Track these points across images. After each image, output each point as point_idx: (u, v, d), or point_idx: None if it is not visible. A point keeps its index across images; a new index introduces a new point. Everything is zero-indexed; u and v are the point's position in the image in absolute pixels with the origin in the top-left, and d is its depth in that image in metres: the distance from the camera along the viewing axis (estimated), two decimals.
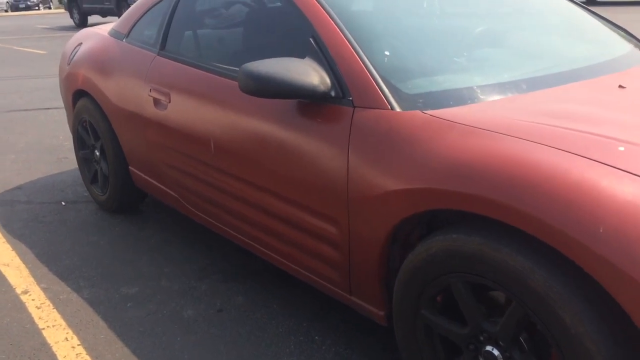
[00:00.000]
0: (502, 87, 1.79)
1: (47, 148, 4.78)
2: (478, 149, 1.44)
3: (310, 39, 1.92)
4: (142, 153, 2.84)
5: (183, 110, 2.42)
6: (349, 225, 1.74)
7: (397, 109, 1.67)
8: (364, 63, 1.78)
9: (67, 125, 5.28)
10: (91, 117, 3.21)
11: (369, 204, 1.65)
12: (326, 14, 1.95)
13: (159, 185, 2.83)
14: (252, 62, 1.83)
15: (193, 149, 2.39)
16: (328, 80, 1.80)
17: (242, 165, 2.11)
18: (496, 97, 1.74)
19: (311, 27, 1.95)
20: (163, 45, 2.69)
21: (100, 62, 3.07)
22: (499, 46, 2.13)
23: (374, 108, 1.70)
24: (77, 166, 4.06)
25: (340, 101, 1.79)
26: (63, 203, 3.60)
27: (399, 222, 1.58)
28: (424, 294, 1.58)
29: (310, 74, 1.79)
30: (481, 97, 1.73)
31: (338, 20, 1.92)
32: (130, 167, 3.06)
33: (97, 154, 3.34)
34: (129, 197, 3.30)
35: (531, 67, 1.96)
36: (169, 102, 2.49)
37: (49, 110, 6.30)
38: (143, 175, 2.95)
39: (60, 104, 6.55)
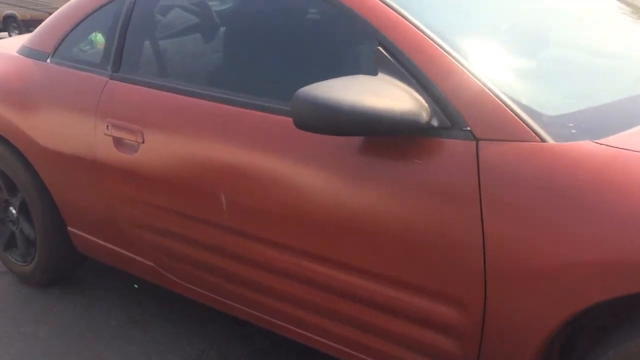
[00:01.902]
0: None
1: None
2: None
3: (380, 49, 1.39)
4: (92, 210, 2.12)
5: (167, 154, 1.76)
6: (484, 311, 1.24)
7: (549, 139, 1.19)
8: (477, 79, 1.29)
9: None
10: (4, 165, 2.40)
11: (524, 282, 1.16)
12: (398, 15, 1.43)
13: (119, 250, 2.13)
14: (311, 87, 1.27)
15: (186, 204, 1.75)
16: (427, 106, 1.29)
17: (285, 230, 1.52)
18: None
19: (377, 33, 1.41)
20: (117, 66, 2.00)
21: (15, 93, 2.28)
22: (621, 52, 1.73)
23: (511, 141, 1.21)
24: None
25: (449, 133, 1.27)
26: None
27: (576, 312, 1.11)
28: None
29: (406, 99, 1.27)
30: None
31: (418, 24, 1.40)
32: (69, 228, 2.31)
33: (14, 212, 2.53)
34: (65, 265, 2.53)
35: None
36: (142, 142, 1.82)
37: None
38: (91, 238, 2.22)
39: None
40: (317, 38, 1.66)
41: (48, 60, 2.24)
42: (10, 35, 12.66)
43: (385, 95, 1.25)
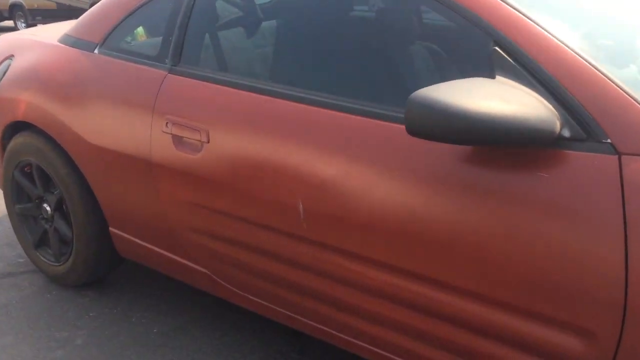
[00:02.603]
0: None
1: None
2: None
3: (497, 49, 1.26)
4: (142, 212, 1.98)
5: (235, 155, 1.63)
6: (618, 343, 1.11)
7: None
8: (616, 84, 1.16)
9: None
10: (41, 159, 2.26)
11: None
12: (514, 9, 1.30)
13: (169, 255, 1.99)
14: (429, 90, 1.14)
15: (256, 212, 1.62)
16: (557, 114, 1.16)
17: (379, 245, 1.39)
18: None
19: (491, 30, 1.29)
20: (177, 59, 1.86)
21: (59, 84, 2.14)
22: None
23: None
24: None
25: (584, 145, 1.15)
26: None
27: None
28: None
29: (536, 106, 1.14)
30: None
31: (539, 20, 1.27)
32: (111, 229, 2.18)
33: (48, 209, 2.39)
34: (102, 267, 2.39)
35: None
36: (206, 141, 1.69)
37: None
38: (137, 241, 2.09)
39: None
40: (417, 36, 1.53)
41: (96, 51, 2.11)
42: (15, 24, 12.44)
43: (514, 101, 1.12)
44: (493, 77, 1.24)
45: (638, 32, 1.63)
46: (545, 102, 1.17)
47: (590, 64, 1.19)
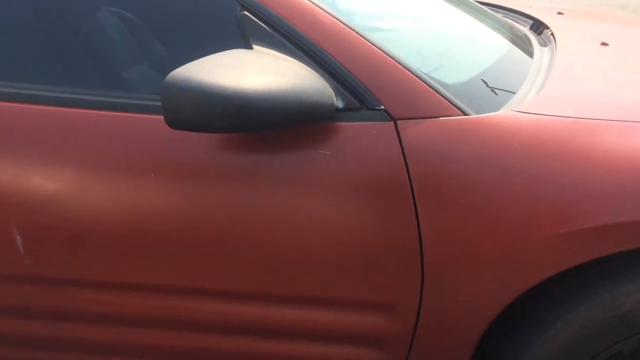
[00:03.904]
0: None
1: None
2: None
3: (247, 15, 1.08)
4: None
5: None
6: (418, 312, 1.08)
7: (471, 113, 1.07)
8: (381, 49, 1.08)
9: None
10: None
11: (468, 269, 1.04)
12: None
13: None
14: (182, 70, 0.92)
15: None
16: (328, 86, 1.04)
17: (152, 266, 1.10)
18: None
19: None
20: None
21: None
22: None
23: (433, 117, 1.05)
24: None
25: (359, 115, 1.05)
26: None
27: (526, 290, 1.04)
28: None
29: (310, 77, 1.01)
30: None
31: None
32: None
33: None
34: None
35: None
36: None
37: None
38: None
39: None
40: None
41: None
42: None
43: (290, 74, 0.97)
44: (250, 48, 1.06)
45: None
46: (313, 72, 1.04)
47: (353, 29, 1.09)
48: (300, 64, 1.04)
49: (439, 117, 1.04)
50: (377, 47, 1.07)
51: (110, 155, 1.07)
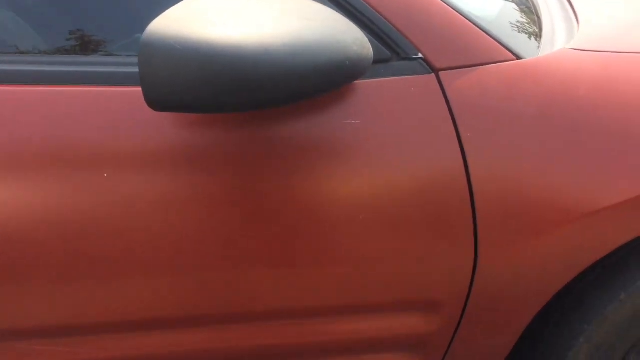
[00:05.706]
0: None
1: None
2: None
3: None
4: None
5: None
6: (464, 308, 0.89)
7: (526, 56, 0.85)
8: None
9: None
10: None
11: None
12: None
13: None
14: (171, 21, 0.64)
15: None
16: (363, 36, 0.78)
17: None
18: None
19: None
20: None
21: None
22: None
23: (483, 64, 0.82)
24: None
25: (391, 68, 0.81)
26: None
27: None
28: None
29: (343, 23, 0.74)
30: None
31: None
32: None
33: None
34: None
35: None
36: None
37: None
38: None
39: None
40: None
41: None
42: None
43: (318, 18, 0.70)
44: None
45: None
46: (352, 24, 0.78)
47: None
48: (320, 4, 0.77)
49: (491, 63, 0.82)
50: None
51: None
